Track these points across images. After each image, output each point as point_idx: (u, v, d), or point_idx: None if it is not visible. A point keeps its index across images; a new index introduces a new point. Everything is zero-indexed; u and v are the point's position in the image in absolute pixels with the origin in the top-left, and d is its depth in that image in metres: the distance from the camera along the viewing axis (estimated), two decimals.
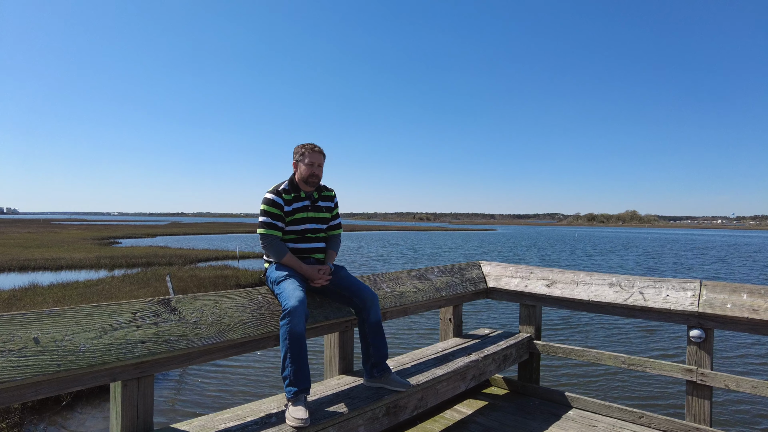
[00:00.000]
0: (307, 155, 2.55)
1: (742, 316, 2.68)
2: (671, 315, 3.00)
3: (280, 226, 2.51)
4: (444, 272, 3.66)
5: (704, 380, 2.84)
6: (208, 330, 2.12)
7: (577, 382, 7.32)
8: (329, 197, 2.73)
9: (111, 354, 1.81)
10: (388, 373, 2.54)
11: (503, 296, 3.86)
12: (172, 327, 2.02)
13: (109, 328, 1.86)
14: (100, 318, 1.88)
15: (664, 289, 3.06)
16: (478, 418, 3.13)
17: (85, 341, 1.78)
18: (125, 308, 1.98)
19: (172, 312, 2.08)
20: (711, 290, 2.88)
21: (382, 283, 3.10)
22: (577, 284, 3.43)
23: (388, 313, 3.06)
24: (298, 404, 2.10)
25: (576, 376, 7.60)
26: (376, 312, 2.55)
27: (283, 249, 2.49)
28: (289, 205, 2.54)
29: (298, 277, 2.44)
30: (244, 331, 2.23)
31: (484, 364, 3.23)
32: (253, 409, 2.22)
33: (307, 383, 2.18)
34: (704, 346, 2.88)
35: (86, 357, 1.75)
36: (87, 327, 1.82)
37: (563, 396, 3.37)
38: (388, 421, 2.46)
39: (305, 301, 2.25)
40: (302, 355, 2.19)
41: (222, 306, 2.25)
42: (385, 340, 2.57)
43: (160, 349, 1.94)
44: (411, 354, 3.24)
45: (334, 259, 2.70)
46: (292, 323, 2.17)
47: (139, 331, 1.93)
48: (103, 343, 1.81)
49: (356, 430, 2.27)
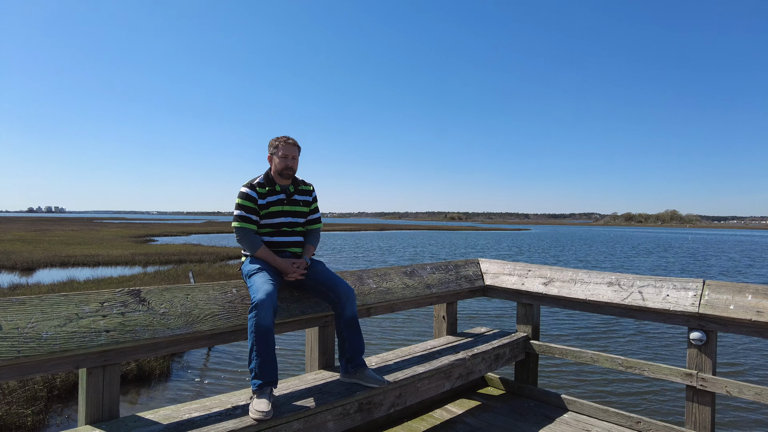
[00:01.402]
0: (281, 148, 2.55)
1: (745, 318, 2.53)
2: (670, 316, 2.86)
3: (254, 219, 2.51)
4: (437, 269, 3.60)
5: (705, 386, 2.69)
6: (176, 321, 2.14)
7: (579, 384, 7.05)
8: (306, 191, 2.72)
9: (73, 342, 1.85)
10: (363, 369, 2.50)
11: (500, 294, 3.77)
12: (139, 317, 2.05)
13: (75, 317, 1.90)
14: (66, 307, 1.92)
15: (665, 288, 2.92)
16: (467, 418, 3.06)
17: (48, 329, 1.82)
18: (93, 298, 2.02)
19: (141, 302, 2.11)
20: (714, 290, 2.73)
21: (368, 279, 3.07)
22: (575, 283, 3.31)
23: (373, 309, 3.03)
24: (262, 397, 2.10)
25: (578, 376, 7.33)
26: (352, 307, 2.52)
27: (257, 242, 2.50)
28: (264, 199, 2.54)
29: (272, 271, 2.43)
30: (214, 323, 2.24)
31: (473, 363, 3.15)
32: (221, 401, 2.23)
33: (273, 376, 2.17)
34: (705, 349, 2.73)
35: (47, 344, 1.79)
36: (52, 315, 1.86)
37: (559, 398, 3.26)
38: (360, 417, 2.42)
39: (273, 294, 2.24)
40: (269, 348, 2.18)
41: (193, 298, 2.27)
42: (361, 336, 2.54)
43: (124, 339, 1.97)
44: (397, 351, 3.20)
45: (312, 254, 2.68)
46: (258, 316, 2.17)
47: (105, 320, 1.96)
48: (66, 331, 1.85)
49: (324, 425, 2.25)
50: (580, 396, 6.17)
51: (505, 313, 12.05)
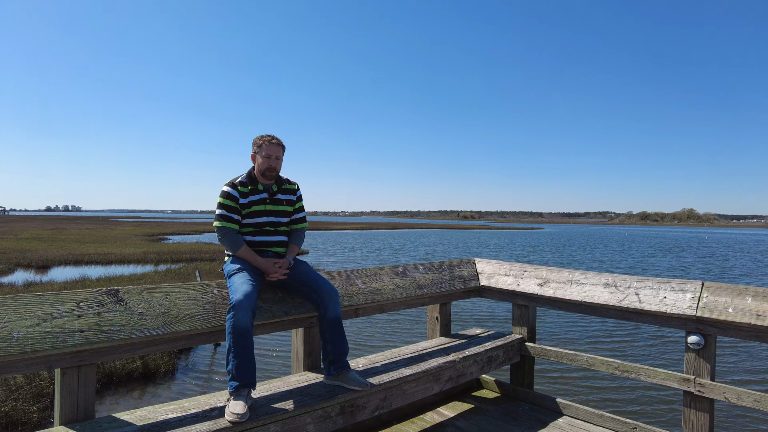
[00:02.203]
0: (264, 147, 2.52)
1: (744, 321, 2.42)
2: (667, 319, 2.77)
3: (235, 218, 2.49)
4: (430, 269, 3.54)
5: (702, 391, 2.59)
6: (154, 321, 2.11)
7: (580, 386, 6.91)
8: (290, 191, 2.68)
9: (46, 342, 1.83)
10: (346, 370, 2.46)
11: (495, 295, 3.70)
12: (116, 317, 2.04)
13: (48, 317, 1.89)
14: (41, 307, 1.91)
15: (662, 290, 2.82)
16: (458, 421, 3.00)
17: (20, 329, 1.81)
18: (69, 298, 2.00)
19: (119, 302, 2.09)
20: (713, 292, 2.63)
21: (357, 279, 3.03)
22: (571, 284, 3.23)
23: (361, 310, 2.98)
24: (239, 399, 2.06)
25: (580, 379, 7.21)
26: (335, 308, 2.48)
27: (238, 241, 2.47)
28: (245, 198, 2.51)
29: (253, 271, 2.40)
30: (193, 323, 2.22)
31: (464, 366, 3.09)
32: (200, 402, 2.20)
33: (251, 378, 2.14)
34: (704, 353, 2.63)
35: (18, 344, 1.78)
36: (25, 315, 1.85)
37: (555, 402, 3.19)
38: (343, 420, 2.38)
39: (252, 295, 2.21)
40: (246, 349, 2.15)
41: (172, 298, 2.24)
42: (344, 338, 2.50)
43: (98, 339, 1.95)
44: (387, 353, 3.15)
45: (296, 254, 2.64)
46: (235, 318, 2.14)
47: (80, 320, 1.95)
48: (39, 331, 1.84)
49: (304, 428, 2.21)
50: (578, 399, 6.03)
51: (510, 314, 11.90)
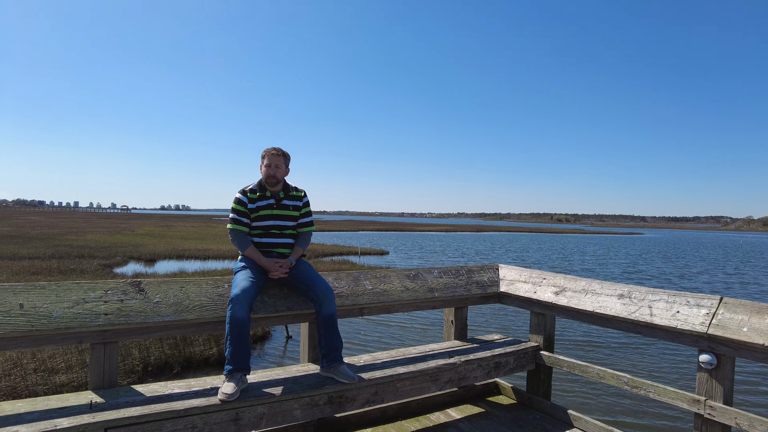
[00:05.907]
0: (266, 158, 2.82)
1: (758, 342, 2.23)
2: (678, 334, 2.63)
3: (245, 222, 2.80)
4: (446, 273, 3.62)
5: (713, 415, 2.43)
6: (167, 309, 2.48)
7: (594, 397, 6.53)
8: (297, 197, 2.94)
9: (77, 321, 2.25)
10: (337, 364, 2.67)
11: (514, 302, 3.69)
12: (135, 304, 2.42)
13: (81, 301, 2.32)
14: (77, 293, 2.34)
15: (677, 304, 2.69)
16: (462, 424, 3.07)
17: (58, 309, 2.24)
18: (100, 286, 2.42)
19: (140, 292, 2.48)
20: (730, 309, 2.45)
21: (365, 280, 3.21)
22: (586, 293, 3.16)
23: (366, 309, 3.17)
24: (231, 381, 2.36)
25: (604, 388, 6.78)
26: (329, 306, 2.70)
27: (246, 242, 2.78)
28: (253, 203, 2.81)
29: (256, 269, 2.70)
30: (201, 313, 2.55)
31: (466, 369, 3.15)
32: (205, 382, 2.53)
33: (244, 364, 2.43)
34: (717, 374, 2.47)
35: (55, 321, 2.21)
36: (64, 299, 2.29)
37: (566, 414, 3.14)
38: (330, 409, 2.59)
39: (249, 290, 2.50)
40: (242, 338, 2.44)
41: (186, 290, 2.60)
42: (337, 333, 2.71)
43: (119, 321, 2.34)
44: (393, 351, 3.30)
45: (299, 255, 2.90)
46: (233, 310, 2.44)
47: (106, 305, 2.35)
48: (72, 312, 2.27)
49: (291, 412, 2.45)
50: (592, 411, 5.69)
51: (567, 323, 11.37)
